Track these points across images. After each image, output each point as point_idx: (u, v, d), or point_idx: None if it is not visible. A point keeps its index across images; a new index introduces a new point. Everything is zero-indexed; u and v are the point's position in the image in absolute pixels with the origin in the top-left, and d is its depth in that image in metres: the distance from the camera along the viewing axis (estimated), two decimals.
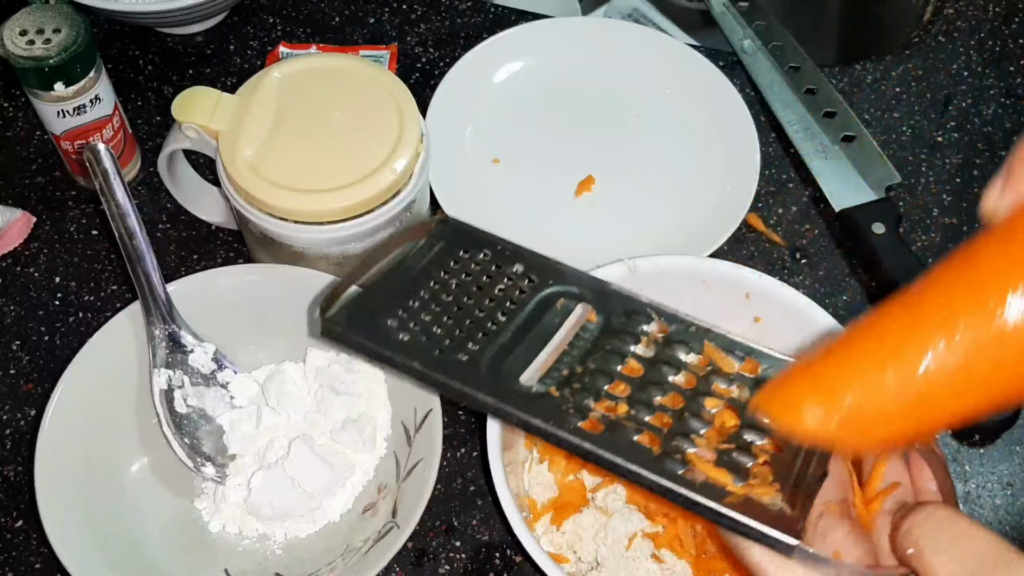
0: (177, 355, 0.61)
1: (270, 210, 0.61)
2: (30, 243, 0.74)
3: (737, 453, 0.41)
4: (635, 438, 0.41)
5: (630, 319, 0.46)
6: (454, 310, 0.46)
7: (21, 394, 0.68)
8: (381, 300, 0.46)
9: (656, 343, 0.45)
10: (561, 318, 0.46)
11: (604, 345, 0.45)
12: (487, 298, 0.46)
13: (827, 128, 0.78)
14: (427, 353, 0.44)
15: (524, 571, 0.62)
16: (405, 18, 0.86)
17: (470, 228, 0.50)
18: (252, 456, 0.61)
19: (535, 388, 0.43)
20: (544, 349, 0.45)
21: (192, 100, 0.64)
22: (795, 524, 0.39)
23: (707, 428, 0.42)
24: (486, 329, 0.45)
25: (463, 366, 0.44)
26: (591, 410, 0.42)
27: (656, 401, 0.43)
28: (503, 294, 0.47)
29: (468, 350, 0.44)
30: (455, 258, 0.48)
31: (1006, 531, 0.63)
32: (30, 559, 0.62)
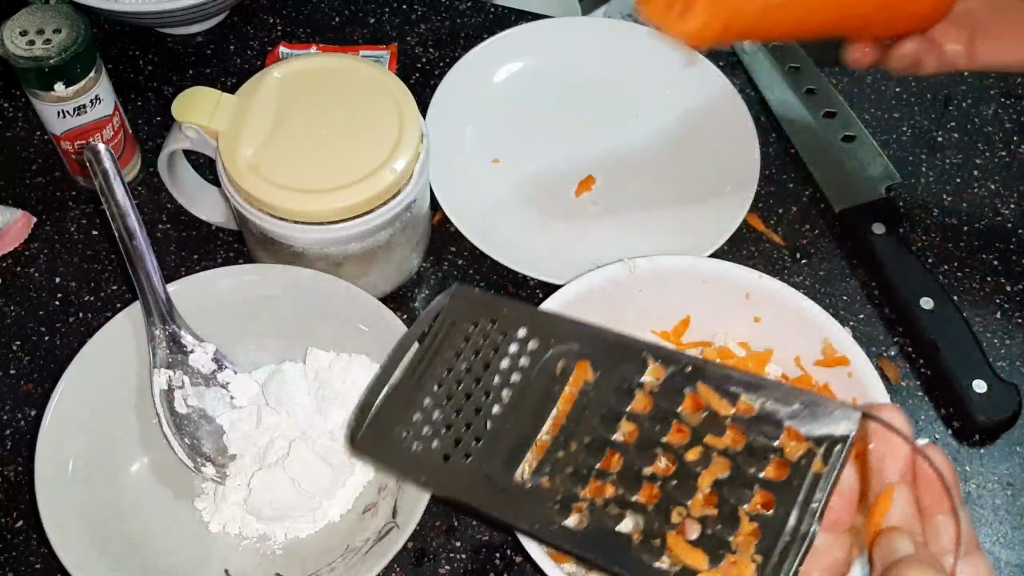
0: (177, 355, 0.61)
1: (270, 210, 0.61)
2: (30, 243, 0.74)
3: (721, 526, 0.41)
4: (618, 527, 0.42)
5: (626, 372, 0.47)
6: (462, 402, 0.48)
7: (21, 394, 0.68)
8: (397, 408, 0.49)
9: (653, 393, 0.46)
10: (560, 385, 0.47)
11: (600, 409, 0.46)
12: (494, 377, 0.49)
13: (827, 128, 0.78)
14: (433, 462, 0.47)
15: (524, 571, 0.62)
16: (405, 18, 0.86)
17: (477, 295, 0.52)
18: (252, 456, 0.61)
19: (529, 484, 0.45)
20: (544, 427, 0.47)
21: (192, 100, 0.64)
22: None
23: (694, 496, 0.42)
24: (491, 415, 0.48)
25: (463, 473, 0.46)
26: (578, 499, 0.44)
27: (646, 471, 0.44)
28: (508, 367, 0.49)
29: (471, 449, 0.47)
30: (466, 335, 0.50)
31: (1006, 531, 0.63)
32: (30, 559, 0.62)
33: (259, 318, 0.65)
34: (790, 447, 0.41)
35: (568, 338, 0.49)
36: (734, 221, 0.71)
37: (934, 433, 0.67)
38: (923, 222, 0.75)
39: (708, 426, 0.43)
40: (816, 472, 0.40)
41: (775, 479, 0.41)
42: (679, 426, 0.44)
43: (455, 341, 0.50)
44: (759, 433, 0.42)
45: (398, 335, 0.61)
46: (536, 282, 0.72)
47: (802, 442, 0.41)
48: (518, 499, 0.45)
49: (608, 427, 0.45)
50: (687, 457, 0.43)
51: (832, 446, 0.40)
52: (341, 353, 0.64)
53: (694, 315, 0.65)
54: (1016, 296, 0.72)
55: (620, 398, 0.46)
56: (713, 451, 0.43)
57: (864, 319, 0.71)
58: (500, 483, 0.45)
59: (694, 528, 0.41)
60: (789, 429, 0.41)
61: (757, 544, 0.39)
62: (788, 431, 0.41)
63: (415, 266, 0.71)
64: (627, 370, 0.46)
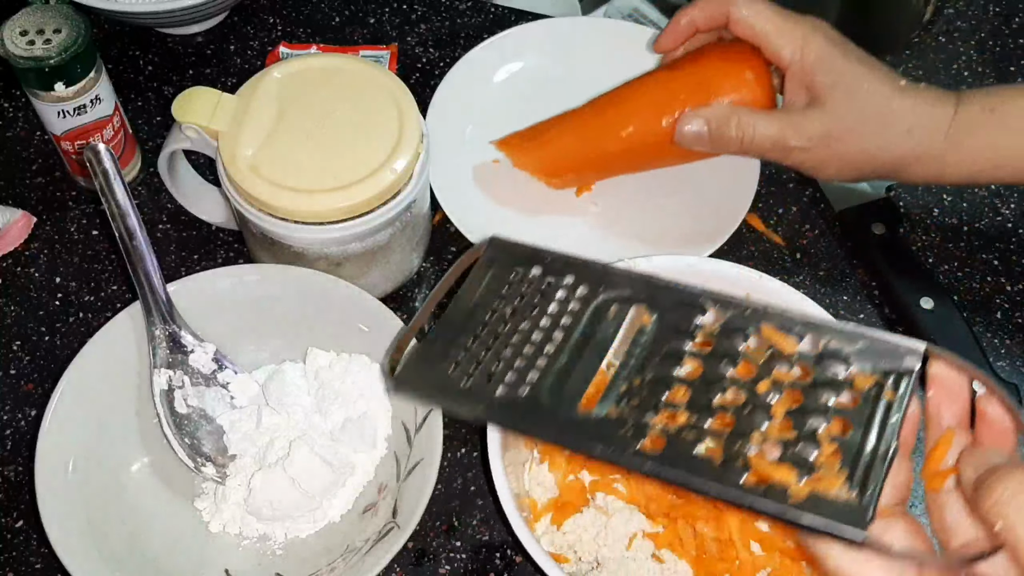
0: (177, 355, 0.61)
1: (270, 210, 0.61)
2: (30, 243, 0.74)
3: (802, 445, 0.41)
4: (696, 450, 0.42)
5: (684, 315, 0.46)
6: (511, 340, 0.47)
7: (21, 394, 0.68)
8: (441, 346, 0.47)
9: (713, 335, 0.45)
10: (615, 327, 0.46)
11: (661, 349, 0.45)
12: (542, 318, 0.47)
13: None
14: (489, 395, 0.45)
15: (524, 571, 0.62)
16: (405, 18, 0.86)
17: (517, 245, 0.50)
18: (252, 456, 0.61)
19: (594, 413, 0.44)
20: (602, 364, 0.45)
21: (192, 100, 0.64)
22: (863, 515, 0.39)
23: (770, 422, 0.42)
24: (544, 353, 0.46)
25: (524, 404, 0.45)
26: (650, 427, 0.43)
27: (716, 402, 0.43)
28: (558, 311, 0.47)
29: (528, 382, 0.45)
30: (507, 282, 0.49)
31: None
32: (30, 559, 0.62)
33: (259, 318, 0.65)
34: (859, 379, 0.42)
35: (620, 284, 0.48)
36: (734, 221, 0.71)
37: None
38: (923, 222, 0.75)
39: (774, 363, 0.44)
40: (888, 400, 0.41)
41: (848, 407, 0.42)
42: (745, 363, 0.44)
43: (496, 287, 0.49)
44: (827, 368, 0.42)
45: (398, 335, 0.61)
46: None
47: (870, 376, 0.42)
48: (585, 427, 0.43)
49: (671, 365, 0.45)
50: (757, 389, 0.43)
51: (900, 377, 0.42)
52: (341, 353, 0.64)
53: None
54: (1016, 296, 0.72)
55: (680, 339, 0.45)
56: (782, 384, 0.43)
57: (864, 319, 0.71)
58: (564, 413, 0.44)
59: (774, 450, 0.41)
60: (856, 365, 0.42)
61: (840, 463, 0.40)
62: (855, 366, 0.42)
63: (415, 266, 0.71)
64: (685, 314, 0.46)
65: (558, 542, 0.59)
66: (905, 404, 0.41)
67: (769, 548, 0.57)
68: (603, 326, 0.46)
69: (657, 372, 0.44)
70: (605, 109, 0.70)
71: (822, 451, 0.41)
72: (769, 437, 0.41)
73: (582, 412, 0.44)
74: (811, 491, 0.39)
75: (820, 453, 0.41)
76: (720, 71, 0.66)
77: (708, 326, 0.45)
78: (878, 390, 0.42)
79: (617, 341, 0.46)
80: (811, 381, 0.43)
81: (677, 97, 0.67)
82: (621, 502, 0.59)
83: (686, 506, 0.58)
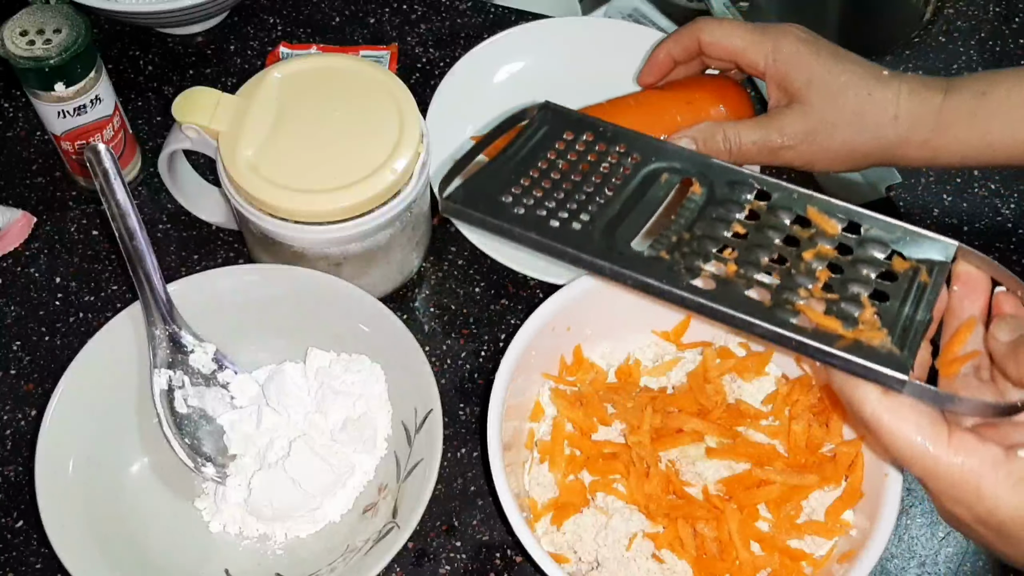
0: (177, 355, 0.61)
1: (270, 210, 0.61)
2: (30, 243, 0.74)
3: (845, 304, 0.43)
4: (746, 292, 0.44)
5: (733, 189, 0.48)
6: (564, 186, 0.49)
7: (21, 394, 0.68)
8: (494, 179, 0.49)
9: (760, 210, 0.48)
10: (665, 191, 0.49)
11: (710, 213, 0.48)
12: (594, 174, 0.50)
13: None
14: (543, 224, 0.47)
15: (524, 571, 0.62)
16: (405, 18, 0.86)
17: (571, 112, 0.53)
18: (252, 456, 0.61)
19: (647, 252, 0.46)
20: (652, 218, 0.48)
21: (192, 100, 0.64)
22: (906, 362, 0.41)
23: (814, 283, 0.45)
24: (596, 202, 0.48)
25: (578, 235, 0.47)
26: (702, 270, 0.45)
27: (763, 261, 0.46)
28: (609, 170, 0.50)
29: (581, 220, 0.47)
30: (560, 139, 0.51)
31: None
32: (30, 559, 0.62)
33: (259, 318, 0.65)
34: (896, 262, 0.46)
35: (671, 157, 0.50)
36: None
37: None
38: (923, 222, 0.75)
39: (818, 239, 0.46)
40: (923, 281, 0.45)
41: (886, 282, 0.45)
42: (791, 235, 0.47)
43: (548, 144, 0.51)
44: (867, 249, 0.46)
45: (398, 335, 0.61)
46: (536, 282, 0.72)
47: (906, 262, 0.46)
48: (638, 262, 0.46)
49: (720, 227, 0.47)
50: (803, 255, 0.46)
51: (933, 266, 0.45)
52: (341, 353, 0.64)
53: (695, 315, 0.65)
54: None
55: (729, 208, 0.48)
56: (826, 257, 0.46)
57: None
58: (617, 248, 0.46)
59: (819, 305, 0.44)
60: (894, 250, 0.46)
61: (880, 324, 0.43)
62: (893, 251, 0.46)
63: (415, 266, 0.71)
64: (734, 189, 0.48)
65: (558, 542, 0.59)
66: (940, 286, 0.45)
67: (769, 548, 0.57)
68: (653, 189, 0.49)
69: (706, 231, 0.47)
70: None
71: (864, 312, 0.43)
72: (814, 295, 0.44)
73: (635, 249, 0.46)
74: (857, 338, 0.42)
75: (862, 313, 0.43)
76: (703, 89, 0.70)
77: (756, 202, 0.48)
78: (914, 274, 0.45)
79: (666, 203, 0.49)
80: (852, 258, 0.46)
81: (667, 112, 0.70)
82: (621, 502, 0.59)
83: (686, 506, 0.58)
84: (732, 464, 0.60)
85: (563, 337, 0.63)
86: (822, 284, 0.45)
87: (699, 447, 0.60)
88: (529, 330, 0.60)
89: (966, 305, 0.46)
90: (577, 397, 0.63)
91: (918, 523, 0.63)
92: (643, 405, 0.61)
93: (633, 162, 0.50)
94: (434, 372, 0.60)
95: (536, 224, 0.47)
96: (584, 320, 0.63)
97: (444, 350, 0.69)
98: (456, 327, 0.71)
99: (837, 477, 0.58)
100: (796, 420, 0.60)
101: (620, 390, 0.63)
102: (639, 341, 0.66)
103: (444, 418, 0.59)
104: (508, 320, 0.71)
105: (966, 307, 0.46)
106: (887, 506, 0.54)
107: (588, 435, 0.62)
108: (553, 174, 0.50)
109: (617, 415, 0.62)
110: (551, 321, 0.61)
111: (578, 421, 0.62)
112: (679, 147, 0.51)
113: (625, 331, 0.65)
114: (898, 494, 0.55)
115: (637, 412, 0.61)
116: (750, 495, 0.58)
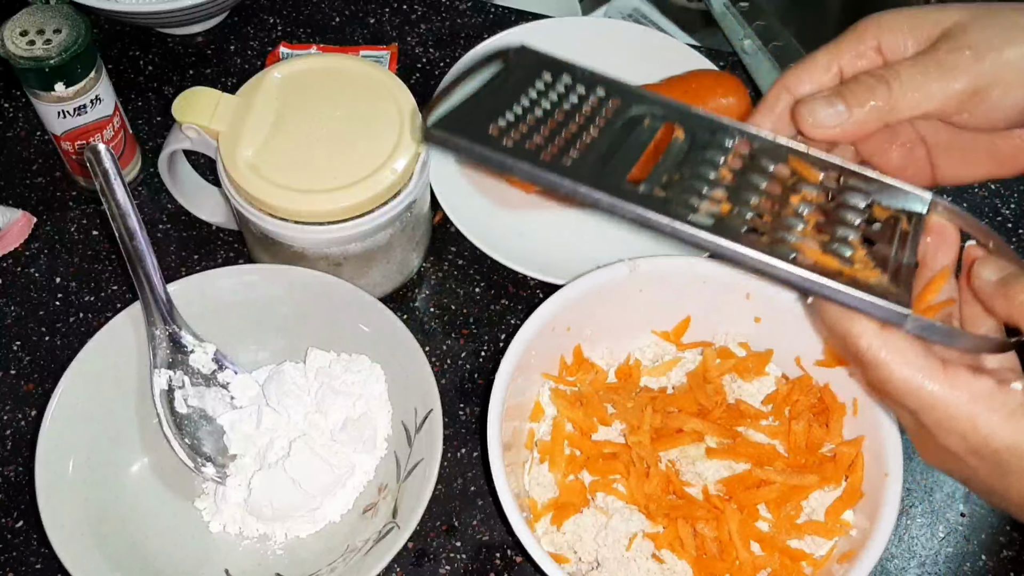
0: (177, 355, 0.61)
1: (270, 210, 0.61)
2: (30, 243, 0.74)
3: (838, 245, 0.44)
4: (744, 230, 0.43)
5: (716, 135, 0.47)
6: (549, 123, 0.47)
7: (21, 394, 0.68)
8: (478, 112, 0.47)
9: (743, 156, 0.47)
10: (649, 135, 0.48)
11: (696, 158, 0.46)
12: (577, 114, 0.48)
13: None
14: (534, 156, 0.45)
15: (524, 571, 0.62)
16: (405, 18, 0.86)
17: (547, 55, 0.50)
18: (252, 456, 0.61)
19: (641, 188, 0.44)
20: (639, 158, 0.46)
21: (192, 100, 0.64)
22: (906, 296, 0.41)
23: (804, 225, 0.45)
24: (582, 140, 0.47)
25: (571, 168, 0.45)
26: (697, 209, 0.44)
27: (754, 202, 0.45)
28: (591, 112, 0.48)
29: (571, 155, 0.46)
30: (539, 79, 0.49)
31: (1006, 530, 0.63)
32: (30, 559, 0.62)
33: (259, 318, 0.65)
34: (877, 210, 0.46)
35: (651, 102, 0.49)
36: None
37: None
38: None
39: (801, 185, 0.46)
40: (903, 228, 0.45)
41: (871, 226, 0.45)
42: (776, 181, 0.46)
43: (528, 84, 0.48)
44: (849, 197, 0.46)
45: (398, 335, 0.61)
46: (536, 282, 0.72)
47: (886, 209, 0.46)
48: (636, 195, 0.44)
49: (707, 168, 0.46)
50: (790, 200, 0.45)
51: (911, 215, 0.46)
52: (341, 353, 0.64)
53: (694, 315, 0.65)
54: None
55: (714, 152, 0.47)
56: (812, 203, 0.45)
57: None
58: (612, 180, 0.44)
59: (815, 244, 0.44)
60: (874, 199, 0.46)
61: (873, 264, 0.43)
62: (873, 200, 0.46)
63: (415, 266, 0.71)
64: (717, 135, 0.47)
65: (558, 542, 0.59)
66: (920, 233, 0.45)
67: (769, 548, 0.57)
68: (636, 132, 0.47)
69: (695, 172, 0.46)
70: None
71: (856, 252, 0.43)
72: (806, 235, 0.44)
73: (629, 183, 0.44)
74: (854, 275, 0.42)
75: (854, 253, 0.43)
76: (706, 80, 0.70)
77: (738, 147, 0.47)
78: (895, 221, 0.45)
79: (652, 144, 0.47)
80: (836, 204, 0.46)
81: None
82: (621, 502, 0.59)
83: (686, 506, 0.58)
84: (732, 464, 0.60)
85: (563, 337, 0.63)
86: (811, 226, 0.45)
87: (699, 447, 0.60)
88: (529, 330, 0.60)
89: (939, 257, 0.46)
90: (577, 397, 0.63)
91: (918, 523, 0.63)
92: (643, 405, 0.61)
93: (615, 106, 0.48)
94: (434, 372, 0.60)
95: (528, 155, 0.45)
96: (584, 320, 0.63)
97: (444, 350, 0.70)
98: (456, 327, 0.71)
99: (837, 477, 0.58)
100: (796, 420, 0.60)
101: (620, 390, 0.63)
102: (639, 341, 0.66)
103: (444, 418, 0.59)
104: (508, 320, 0.71)
105: (939, 259, 0.46)
106: (887, 506, 0.54)
107: (588, 435, 0.62)
108: (536, 111, 0.48)
109: (617, 415, 0.62)
110: (551, 321, 0.61)
111: (578, 421, 0.62)
112: (661, 96, 0.49)
113: (625, 331, 0.65)
114: (898, 494, 0.55)
115: (637, 412, 0.61)
116: (750, 495, 0.58)
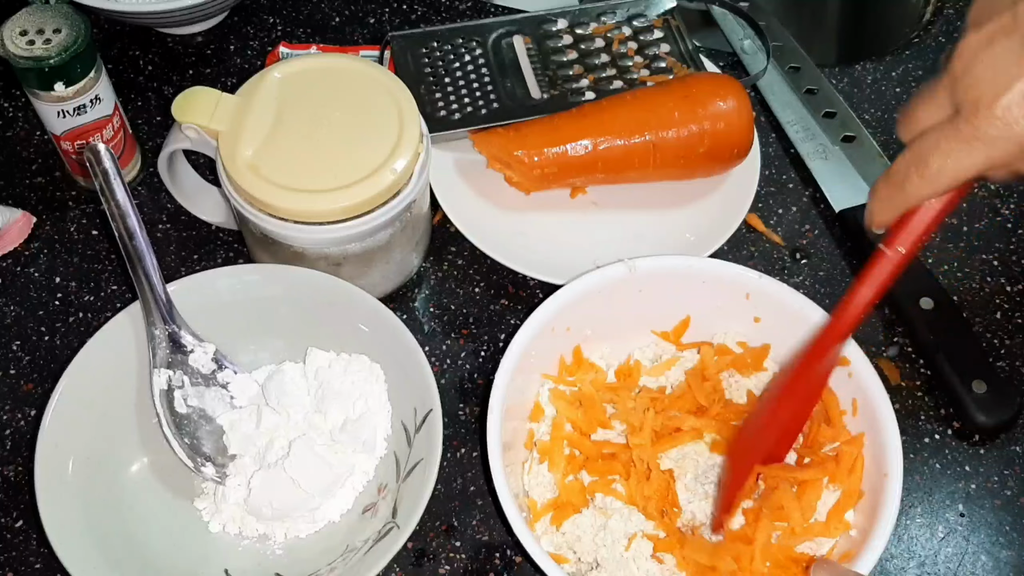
0: (177, 355, 0.61)
1: (270, 210, 0.61)
2: (30, 243, 0.74)
3: (655, 63, 0.76)
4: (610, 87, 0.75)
5: (546, 32, 0.76)
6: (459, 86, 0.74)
7: (21, 394, 0.68)
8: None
9: (572, 35, 0.76)
10: (512, 53, 0.75)
11: (548, 54, 0.75)
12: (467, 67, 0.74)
13: (827, 128, 0.78)
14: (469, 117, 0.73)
15: (524, 571, 0.62)
16: (405, 18, 0.86)
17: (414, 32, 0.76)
18: (252, 456, 0.61)
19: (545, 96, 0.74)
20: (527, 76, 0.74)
21: (192, 100, 0.64)
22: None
23: (633, 61, 0.76)
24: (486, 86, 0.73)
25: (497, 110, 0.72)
26: (582, 91, 0.74)
27: (599, 62, 0.76)
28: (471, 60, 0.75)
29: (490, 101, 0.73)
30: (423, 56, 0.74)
31: (1006, 530, 0.63)
32: (30, 559, 0.62)
33: (259, 318, 0.65)
34: (656, 23, 0.78)
35: (495, 27, 0.76)
36: (734, 221, 0.71)
37: (934, 433, 0.67)
38: None
39: (612, 34, 0.77)
40: (675, 24, 0.79)
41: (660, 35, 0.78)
42: (598, 50, 0.77)
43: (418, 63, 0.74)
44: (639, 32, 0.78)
45: (398, 335, 0.61)
46: (536, 282, 0.72)
47: (659, 19, 0.78)
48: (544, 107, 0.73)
49: (562, 57, 0.76)
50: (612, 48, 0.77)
51: (671, 12, 0.79)
52: (341, 353, 0.64)
53: (694, 315, 0.65)
54: (1016, 296, 0.72)
55: (556, 43, 0.76)
56: (625, 42, 0.77)
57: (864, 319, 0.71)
58: (528, 102, 0.73)
59: (646, 71, 0.76)
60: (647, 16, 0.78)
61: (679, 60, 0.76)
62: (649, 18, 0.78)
63: (415, 266, 0.71)
64: (547, 32, 0.76)
65: (558, 542, 0.59)
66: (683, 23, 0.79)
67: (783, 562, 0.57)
68: (505, 54, 0.75)
69: (559, 65, 0.75)
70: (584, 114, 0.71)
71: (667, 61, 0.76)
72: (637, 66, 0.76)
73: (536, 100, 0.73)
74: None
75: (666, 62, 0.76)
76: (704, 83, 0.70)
77: (562, 30, 0.77)
78: (667, 23, 0.78)
79: (523, 60, 0.75)
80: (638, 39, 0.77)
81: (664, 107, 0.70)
82: (620, 503, 0.59)
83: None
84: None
85: (563, 337, 0.63)
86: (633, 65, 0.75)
87: (699, 444, 0.60)
88: (529, 330, 0.60)
89: None
90: (577, 397, 0.63)
91: (918, 523, 0.63)
92: (644, 407, 0.61)
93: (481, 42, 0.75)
94: (434, 372, 0.60)
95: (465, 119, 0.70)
96: (584, 320, 0.63)
97: (444, 350, 0.70)
98: (456, 327, 0.71)
99: (843, 476, 0.58)
100: None
101: (620, 390, 0.63)
102: (639, 341, 0.66)
103: (444, 418, 0.59)
104: (508, 320, 0.71)
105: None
106: (887, 506, 0.54)
107: (588, 435, 0.62)
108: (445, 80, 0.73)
109: (617, 416, 0.62)
110: (551, 321, 0.61)
111: (578, 421, 0.62)
112: (500, 19, 0.76)
113: (625, 331, 0.65)
114: (898, 494, 0.55)
115: (638, 414, 0.61)
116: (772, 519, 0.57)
